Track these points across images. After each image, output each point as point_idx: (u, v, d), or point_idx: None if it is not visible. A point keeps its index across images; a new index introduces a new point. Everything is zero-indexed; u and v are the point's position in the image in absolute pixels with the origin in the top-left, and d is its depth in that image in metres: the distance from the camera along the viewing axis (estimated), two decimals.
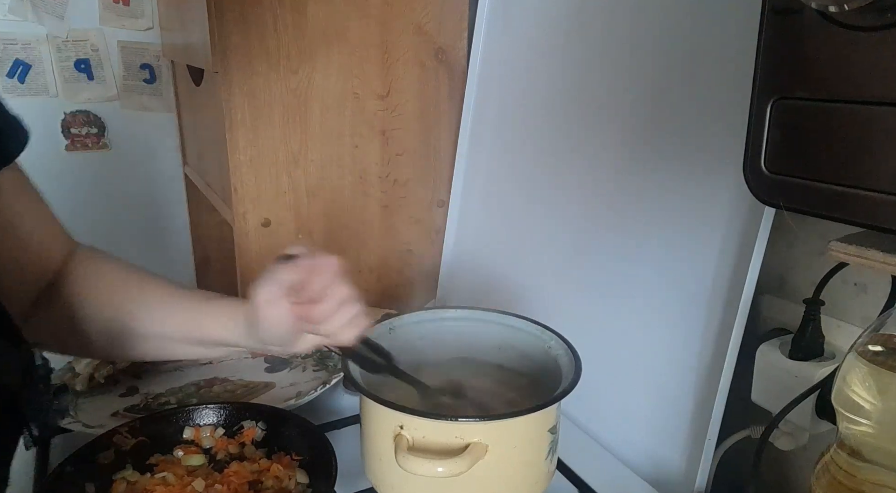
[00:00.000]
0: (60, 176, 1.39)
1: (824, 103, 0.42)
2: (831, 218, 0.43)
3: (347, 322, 0.53)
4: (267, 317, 0.53)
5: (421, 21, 0.99)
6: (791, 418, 0.61)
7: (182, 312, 0.59)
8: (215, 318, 0.58)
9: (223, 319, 0.58)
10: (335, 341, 0.55)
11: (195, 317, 0.59)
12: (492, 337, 0.68)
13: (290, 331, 0.54)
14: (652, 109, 0.73)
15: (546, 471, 0.58)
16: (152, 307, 0.59)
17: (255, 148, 0.94)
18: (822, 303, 0.62)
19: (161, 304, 0.60)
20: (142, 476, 0.62)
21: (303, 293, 0.51)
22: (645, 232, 0.74)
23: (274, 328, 0.53)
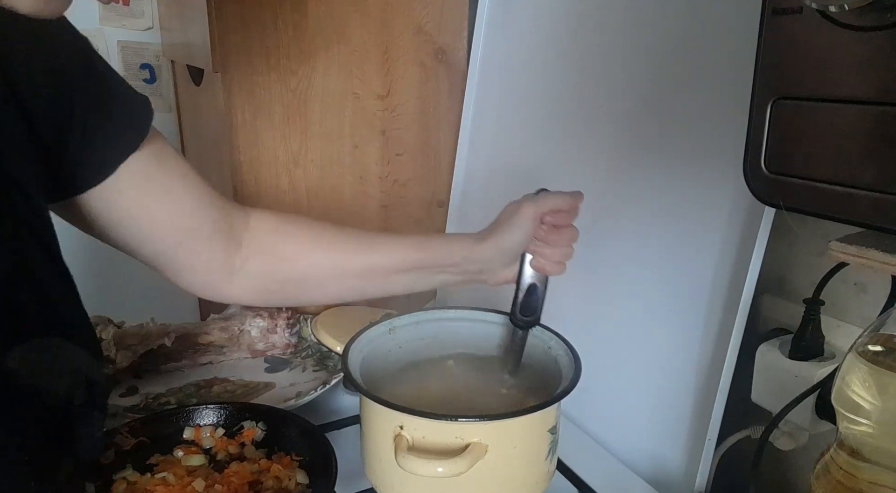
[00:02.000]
0: None
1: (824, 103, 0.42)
2: (831, 218, 0.43)
3: (564, 257, 0.63)
4: (524, 226, 0.61)
5: (421, 21, 0.99)
6: (791, 418, 0.61)
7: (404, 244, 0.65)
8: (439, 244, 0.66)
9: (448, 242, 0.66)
10: (543, 268, 0.63)
11: (418, 247, 0.65)
12: (492, 337, 0.68)
13: (524, 244, 0.62)
14: (652, 108, 0.73)
15: (546, 471, 0.58)
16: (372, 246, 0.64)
17: (255, 148, 0.94)
18: (822, 303, 0.62)
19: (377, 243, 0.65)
20: (142, 476, 0.62)
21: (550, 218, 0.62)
22: (645, 232, 0.74)
23: (520, 237, 0.61)
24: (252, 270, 0.62)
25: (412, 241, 0.65)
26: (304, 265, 0.63)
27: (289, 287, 0.63)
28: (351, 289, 0.65)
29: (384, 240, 0.65)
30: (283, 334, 0.93)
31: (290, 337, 0.93)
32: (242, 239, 0.61)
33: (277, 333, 0.93)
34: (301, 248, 0.63)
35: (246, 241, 0.62)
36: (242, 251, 0.61)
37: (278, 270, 0.62)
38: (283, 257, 0.62)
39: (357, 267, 0.63)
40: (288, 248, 0.63)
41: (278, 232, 0.63)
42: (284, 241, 0.63)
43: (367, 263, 0.63)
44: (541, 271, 0.63)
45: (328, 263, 0.63)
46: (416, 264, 0.64)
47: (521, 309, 0.64)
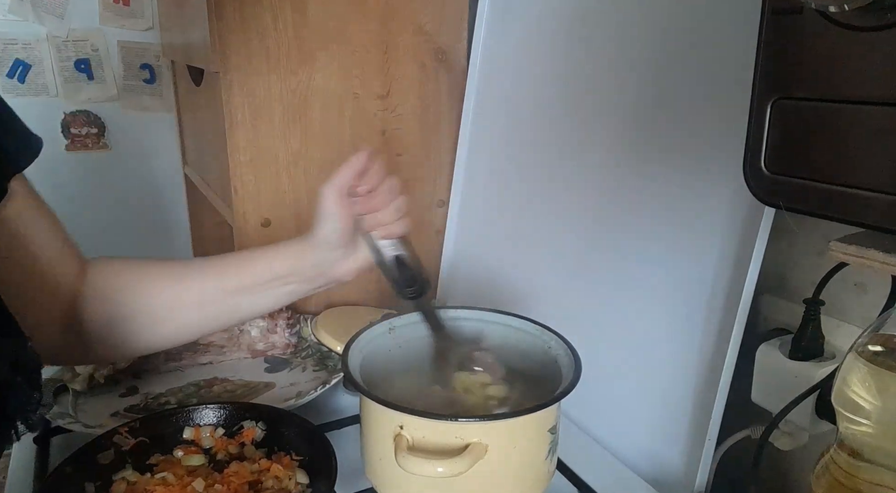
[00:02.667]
0: (60, 176, 1.39)
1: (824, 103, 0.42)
2: (831, 218, 0.43)
3: (398, 211, 0.60)
4: (330, 212, 0.58)
5: (421, 21, 0.99)
6: (791, 418, 0.61)
7: (232, 262, 0.63)
8: (267, 256, 0.62)
9: (275, 252, 0.62)
10: (387, 234, 0.60)
11: (246, 262, 0.62)
12: (491, 337, 0.68)
13: (349, 227, 0.59)
14: (652, 108, 0.73)
15: (546, 471, 0.58)
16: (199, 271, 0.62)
17: (255, 148, 0.94)
18: (822, 303, 0.62)
19: (204, 267, 0.62)
20: (142, 476, 0.62)
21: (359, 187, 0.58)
22: (645, 232, 0.74)
23: (335, 225, 0.59)
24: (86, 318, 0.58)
25: (238, 258, 0.63)
26: (131, 300, 0.59)
27: (122, 328, 0.59)
28: (191, 323, 0.62)
29: (210, 263, 0.62)
30: (283, 334, 0.93)
31: (290, 337, 0.93)
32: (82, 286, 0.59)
33: (277, 333, 0.93)
34: (125, 281, 0.60)
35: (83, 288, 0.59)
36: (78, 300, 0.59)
37: (105, 309, 0.59)
38: (108, 294, 0.59)
39: (189, 295, 0.61)
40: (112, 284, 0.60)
41: (105, 271, 0.60)
42: (109, 278, 0.60)
43: (199, 289, 0.61)
44: (388, 238, 0.60)
45: (157, 294, 0.60)
46: (248, 282, 0.61)
47: (405, 283, 0.61)
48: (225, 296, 0.62)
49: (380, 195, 0.59)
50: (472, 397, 0.63)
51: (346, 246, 0.61)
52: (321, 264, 0.62)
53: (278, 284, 0.62)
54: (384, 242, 0.61)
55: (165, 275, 0.61)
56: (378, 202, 0.59)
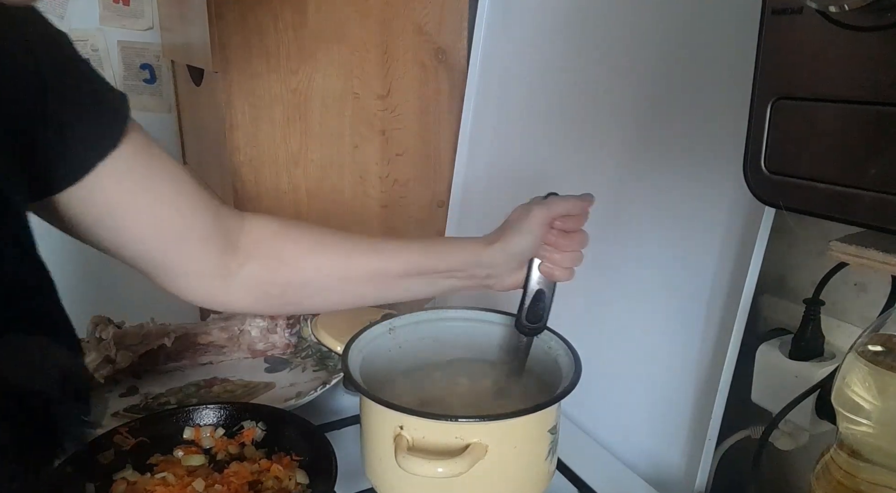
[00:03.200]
0: None
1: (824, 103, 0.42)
2: (831, 218, 0.43)
3: (574, 263, 0.62)
4: (534, 231, 0.60)
5: (421, 21, 0.99)
6: (791, 418, 0.61)
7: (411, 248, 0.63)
8: (447, 248, 0.64)
9: (455, 247, 0.63)
10: (551, 274, 0.62)
11: (424, 251, 0.63)
12: (492, 337, 0.68)
13: (533, 249, 0.61)
14: (652, 109, 0.73)
15: (546, 471, 0.58)
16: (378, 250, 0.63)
17: (255, 148, 0.94)
18: (822, 303, 0.62)
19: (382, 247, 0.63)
20: (142, 476, 0.62)
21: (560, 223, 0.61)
22: (645, 232, 0.74)
23: (530, 243, 0.60)
24: (250, 274, 0.60)
25: (417, 246, 0.64)
26: (305, 269, 0.61)
27: (289, 292, 0.61)
28: (354, 295, 0.63)
29: (388, 245, 0.64)
30: (283, 334, 0.93)
31: (290, 337, 0.93)
32: (239, 243, 0.60)
33: (277, 333, 0.93)
34: (302, 251, 0.61)
35: (243, 245, 0.60)
36: (239, 256, 0.59)
37: (278, 274, 0.61)
38: (284, 260, 0.60)
39: (361, 272, 0.62)
40: (288, 252, 0.61)
41: (278, 235, 0.61)
42: (284, 244, 0.61)
43: (372, 267, 0.62)
44: (549, 277, 0.62)
45: (331, 267, 0.61)
46: (421, 269, 0.62)
47: (527, 315, 0.63)
48: (392, 278, 0.62)
49: (571, 240, 0.61)
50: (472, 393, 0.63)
51: (522, 263, 0.63)
52: (494, 268, 0.62)
53: (444, 277, 0.63)
54: (539, 275, 0.62)
55: (340, 249, 0.62)
56: (566, 245, 0.61)
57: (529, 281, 0.62)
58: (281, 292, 0.61)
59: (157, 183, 0.53)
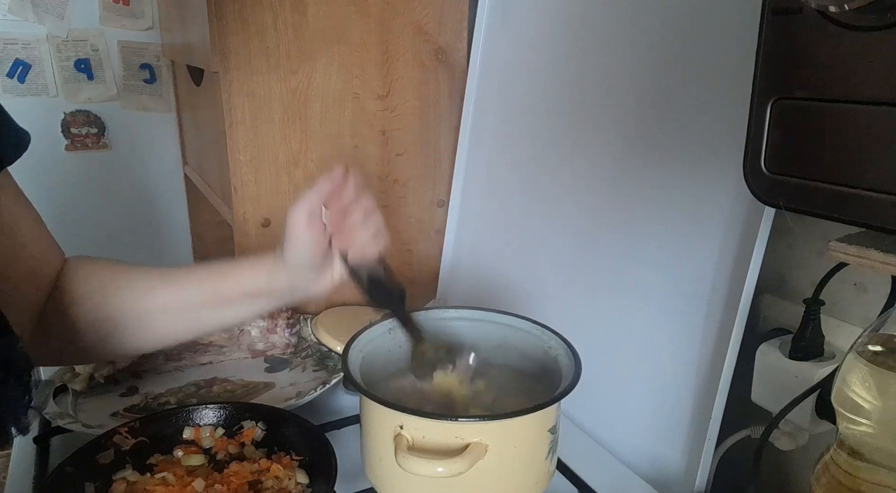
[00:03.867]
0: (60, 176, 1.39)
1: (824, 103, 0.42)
2: (831, 218, 0.43)
3: (374, 234, 0.57)
4: (298, 235, 0.56)
5: (421, 21, 0.99)
6: (791, 418, 0.61)
7: (202, 275, 0.61)
8: (238, 271, 0.60)
9: (246, 269, 0.60)
10: (361, 256, 0.57)
11: (216, 277, 0.60)
12: (492, 337, 0.68)
13: (321, 250, 0.57)
14: (652, 108, 0.73)
15: (546, 471, 0.58)
16: (167, 280, 0.60)
17: (255, 148, 0.94)
18: (822, 303, 0.62)
19: (174, 276, 0.61)
20: (142, 476, 0.62)
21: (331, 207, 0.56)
22: (645, 232, 0.74)
23: (305, 249, 0.56)
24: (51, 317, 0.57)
25: (209, 271, 0.61)
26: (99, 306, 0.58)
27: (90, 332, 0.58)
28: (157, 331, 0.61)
29: (182, 274, 0.61)
30: (283, 334, 0.93)
31: (290, 337, 0.93)
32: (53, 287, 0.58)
33: (277, 333, 0.93)
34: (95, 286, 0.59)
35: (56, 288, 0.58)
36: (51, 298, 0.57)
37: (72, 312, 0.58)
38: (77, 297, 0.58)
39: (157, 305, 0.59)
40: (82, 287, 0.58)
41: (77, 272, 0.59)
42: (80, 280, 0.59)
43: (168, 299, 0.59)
44: (363, 259, 0.58)
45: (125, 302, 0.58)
46: (217, 296, 0.60)
47: (380, 300, 0.60)
48: (191, 308, 0.60)
49: (353, 215, 0.56)
50: (457, 395, 0.63)
51: (319, 266, 0.59)
52: (293, 283, 0.60)
53: (248, 300, 0.61)
54: (356, 261, 0.59)
55: (135, 282, 0.60)
56: (351, 223, 0.56)
57: (355, 274, 0.59)
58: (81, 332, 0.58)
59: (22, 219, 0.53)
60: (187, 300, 0.60)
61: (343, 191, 0.56)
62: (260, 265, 0.60)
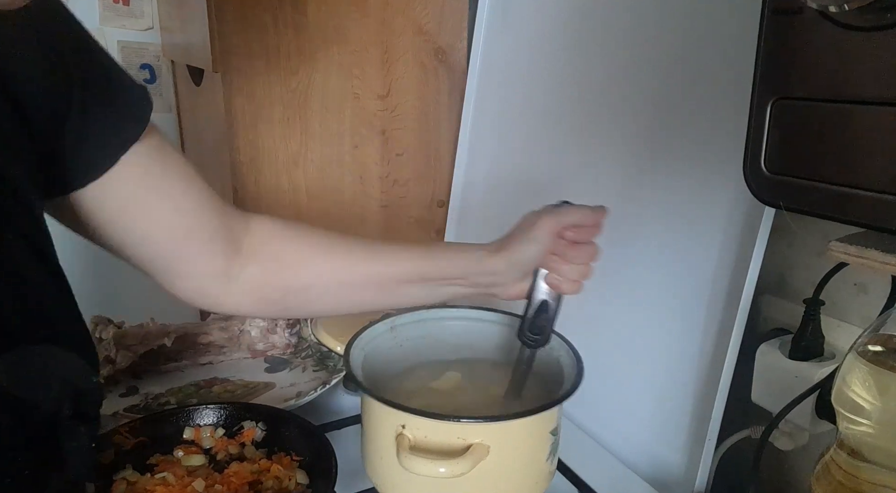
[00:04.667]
0: None
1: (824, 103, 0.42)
2: (831, 218, 0.43)
3: (581, 276, 0.59)
4: (541, 240, 0.57)
5: (421, 21, 0.99)
6: (791, 418, 0.61)
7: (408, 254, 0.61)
8: (448, 255, 0.62)
9: (457, 254, 0.62)
10: (558, 285, 0.59)
11: (423, 256, 0.61)
12: (492, 337, 0.68)
13: (539, 259, 0.59)
14: (652, 108, 0.73)
15: (546, 472, 0.58)
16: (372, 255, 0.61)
17: (255, 148, 0.94)
18: (822, 303, 0.62)
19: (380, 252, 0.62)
20: (142, 476, 0.62)
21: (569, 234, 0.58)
22: (645, 232, 0.74)
23: (536, 252, 0.58)
24: (251, 277, 0.58)
25: (420, 251, 0.62)
26: (305, 273, 0.60)
27: (289, 297, 0.60)
28: (352, 300, 0.62)
29: (390, 249, 0.62)
30: (283, 334, 0.93)
31: (290, 337, 0.93)
32: (242, 244, 0.58)
33: (277, 333, 0.93)
34: (303, 255, 0.60)
35: (245, 246, 0.58)
36: (241, 258, 0.58)
37: (278, 277, 0.59)
38: (284, 264, 0.59)
39: (361, 276, 0.60)
40: (289, 254, 0.59)
41: (279, 238, 0.60)
42: (284, 247, 0.60)
43: (372, 272, 0.60)
44: (555, 289, 0.60)
45: (331, 271, 0.60)
46: (423, 275, 0.61)
47: (530, 327, 0.60)
48: (392, 284, 0.61)
49: (581, 252, 0.58)
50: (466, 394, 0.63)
51: (528, 273, 0.61)
52: (498, 277, 0.60)
53: (446, 283, 0.62)
54: (545, 286, 0.60)
55: (341, 252, 0.61)
56: (575, 256, 0.58)
57: (535, 291, 0.60)
58: (280, 297, 0.60)
59: (171, 181, 0.53)
60: (390, 275, 0.61)
61: (592, 230, 0.59)
62: (474, 253, 0.61)
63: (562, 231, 0.58)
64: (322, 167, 0.98)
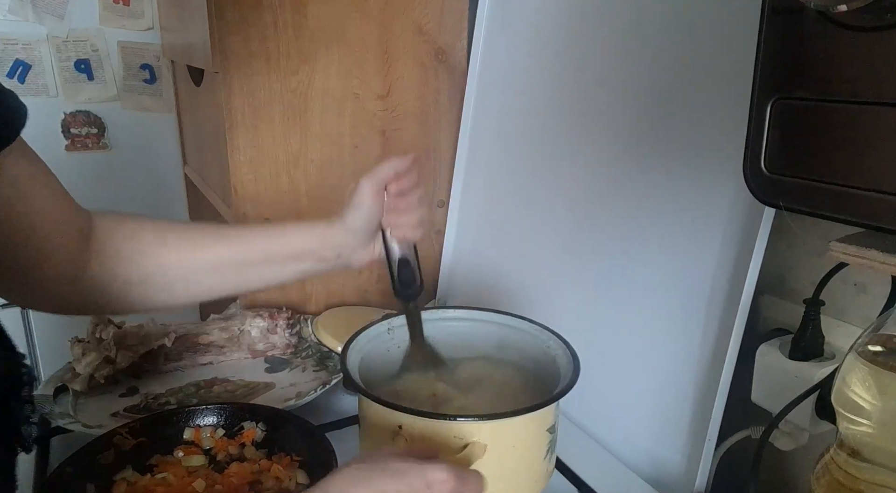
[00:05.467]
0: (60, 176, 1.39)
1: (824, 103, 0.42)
2: (831, 218, 0.43)
3: (418, 220, 0.63)
4: (365, 203, 0.61)
5: (421, 21, 0.99)
6: (791, 418, 0.61)
7: (252, 235, 0.64)
8: (290, 233, 0.64)
9: (299, 231, 0.64)
10: (402, 236, 0.63)
11: (266, 237, 0.64)
12: (491, 337, 0.68)
13: (377, 219, 0.62)
14: (652, 109, 0.73)
15: (545, 470, 0.58)
16: (217, 238, 0.63)
17: (255, 148, 0.94)
18: (822, 303, 0.62)
19: (223, 234, 0.63)
20: (142, 477, 0.62)
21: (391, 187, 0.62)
22: (645, 232, 0.74)
23: (365, 215, 0.61)
24: (94, 275, 0.57)
25: (259, 232, 0.65)
26: (146, 264, 0.59)
27: (134, 290, 0.59)
28: (201, 287, 0.62)
29: (231, 232, 0.64)
30: (283, 334, 0.93)
31: (290, 337, 0.93)
32: (89, 243, 0.58)
33: (277, 333, 0.93)
34: (142, 245, 0.59)
35: (90, 245, 0.58)
36: (85, 257, 0.57)
37: (119, 272, 0.58)
38: (124, 257, 0.59)
39: (204, 263, 0.61)
40: (128, 246, 0.59)
41: (119, 233, 0.59)
42: (125, 242, 0.59)
43: (214, 258, 0.61)
44: (403, 240, 0.63)
45: (173, 260, 0.60)
46: (267, 255, 0.63)
47: (401, 282, 0.63)
48: (239, 267, 0.63)
49: (408, 199, 0.62)
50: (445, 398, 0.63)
51: (369, 237, 0.64)
52: (341, 248, 0.64)
53: (293, 261, 0.64)
54: (395, 242, 0.64)
55: (182, 240, 0.62)
56: (404, 205, 0.62)
57: (389, 251, 0.64)
58: (123, 290, 0.59)
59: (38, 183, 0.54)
60: (235, 258, 0.62)
61: (407, 176, 0.62)
62: (313, 229, 0.63)
63: (382, 187, 0.62)
64: (322, 167, 0.98)
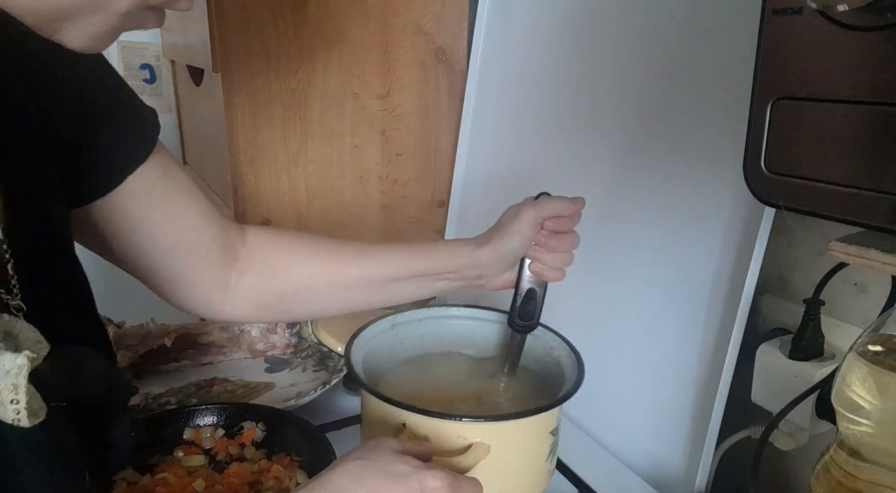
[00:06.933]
0: None
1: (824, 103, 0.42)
2: (831, 218, 0.43)
3: (563, 264, 0.63)
4: (523, 232, 0.61)
5: (421, 21, 0.99)
6: (791, 418, 0.61)
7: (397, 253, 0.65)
8: (436, 252, 0.65)
9: (445, 250, 0.65)
10: (541, 273, 0.63)
11: (411, 255, 0.64)
12: (493, 335, 0.69)
13: (523, 250, 0.62)
14: (651, 108, 0.73)
15: (546, 471, 0.58)
16: (363, 256, 0.64)
17: (255, 148, 0.94)
18: (822, 303, 0.62)
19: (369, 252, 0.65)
20: (142, 477, 0.62)
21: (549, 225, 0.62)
22: (645, 232, 0.74)
23: (518, 244, 0.61)
24: (247, 285, 0.61)
25: (409, 250, 0.65)
26: (298, 277, 0.62)
27: (285, 301, 0.63)
28: (348, 300, 0.65)
29: (380, 250, 0.65)
30: (283, 334, 0.93)
31: (290, 337, 0.93)
32: (239, 255, 0.61)
33: (277, 333, 0.93)
34: (294, 260, 0.63)
35: (242, 256, 0.62)
36: (238, 267, 0.61)
37: (272, 283, 0.62)
38: (277, 269, 0.62)
39: (352, 277, 0.63)
40: (281, 260, 0.63)
41: (272, 245, 0.63)
42: (278, 254, 0.63)
43: (363, 273, 0.63)
44: (539, 277, 0.63)
45: (323, 274, 0.63)
46: (413, 272, 0.64)
47: (520, 313, 0.64)
48: (386, 283, 0.64)
49: (561, 241, 0.62)
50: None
51: (512, 264, 0.64)
52: (485, 269, 0.64)
53: (435, 278, 0.65)
54: (530, 275, 0.64)
55: (334, 255, 0.64)
56: (555, 245, 0.62)
57: (521, 280, 0.64)
58: (276, 301, 0.63)
59: (175, 197, 0.56)
60: (383, 274, 0.64)
61: (571, 220, 0.62)
62: (461, 248, 0.64)
63: (542, 222, 0.61)
64: (322, 167, 0.98)
